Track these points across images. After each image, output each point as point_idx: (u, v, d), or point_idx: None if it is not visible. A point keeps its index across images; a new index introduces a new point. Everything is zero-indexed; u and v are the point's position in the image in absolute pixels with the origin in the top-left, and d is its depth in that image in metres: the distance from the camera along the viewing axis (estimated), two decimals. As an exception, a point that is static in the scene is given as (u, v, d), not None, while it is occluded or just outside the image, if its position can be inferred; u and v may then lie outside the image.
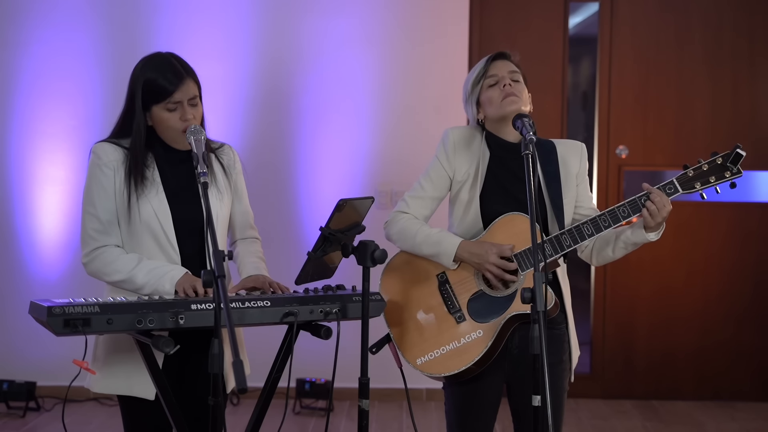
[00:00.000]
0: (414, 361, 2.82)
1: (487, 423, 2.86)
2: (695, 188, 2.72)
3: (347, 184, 5.36)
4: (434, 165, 2.91)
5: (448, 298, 2.82)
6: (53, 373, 5.19)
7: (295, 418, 5.05)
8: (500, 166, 2.85)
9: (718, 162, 2.71)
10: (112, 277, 2.68)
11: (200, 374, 2.71)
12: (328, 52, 5.37)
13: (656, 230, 2.72)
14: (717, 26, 5.49)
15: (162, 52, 2.76)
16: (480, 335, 2.76)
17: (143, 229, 2.70)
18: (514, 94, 2.79)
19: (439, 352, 2.80)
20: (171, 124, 2.69)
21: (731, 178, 2.72)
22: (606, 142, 5.51)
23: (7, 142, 5.35)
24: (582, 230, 2.73)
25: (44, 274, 5.34)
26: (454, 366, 2.77)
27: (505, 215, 2.79)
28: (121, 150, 2.72)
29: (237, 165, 2.90)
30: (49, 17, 5.31)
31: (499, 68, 2.84)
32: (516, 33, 5.48)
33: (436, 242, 2.80)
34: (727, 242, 5.53)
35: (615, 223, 2.72)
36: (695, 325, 5.53)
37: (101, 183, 2.70)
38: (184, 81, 2.69)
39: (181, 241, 2.72)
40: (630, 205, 2.71)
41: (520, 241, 2.75)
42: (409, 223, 2.87)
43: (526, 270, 2.74)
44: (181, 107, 2.68)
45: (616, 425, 5.06)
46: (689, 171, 2.72)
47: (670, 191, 2.71)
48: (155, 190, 2.71)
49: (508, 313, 2.74)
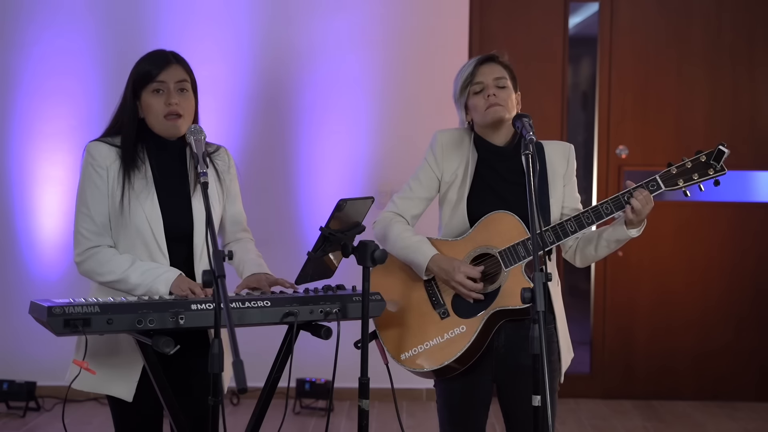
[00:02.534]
0: (398, 356, 2.85)
1: (477, 421, 2.87)
2: (678, 185, 2.74)
3: (347, 185, 5.36)
4: (423, 167, 2.95)
5: (433, 294, 2.85)
6: (53, 373, 5.17)
7: (295, 418, 5.05)
8: (488, 167, 2.87)
9: (702, 160, 2.74)
10: (105, 278, 2.66)
11: (197, 374, 2.71)
12: (328, 52, 5.37)
13: (638, 227, 2.75)
14: (717, 26, 5.49)
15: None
16: (463, 330, 2.78)
17: (134, 233, 2.69)
18: (497, 104, 2.80)
19: (423, 347, 2.83)
20: (156, 109, 2.67)
21: (715, 176, 2.74)
22: (606, 142, 5.52)
23: (7, 142, 5.35)
24: (565, 227, 2.75)
25: (44, 274, 5.34)
26: (436, 361, 2.79)
27: (490, 213, 2.81)
28: (115, 149, 2.71)
29: (232, 169, 2.89)
30: (49, 18, 5.31)
31: (485, 74, 2.84)
32: (516, 33, 5.48)
33: (412, 252, 2.84)
34: (728, 242, 5.53)
35: (598, 219, 2.74)
36: (695, 325, 5.53)
37: (95, 183, 2.68)
38: (171, 64, 2.69)
39: (171, 247, 2.71)
40: (613, 202, 2.74)
41: (505, 238, 2.78)
42: (392, 228, 2.90)
43: (510, 267, 2.75)
44: (167, 90, 2.67)
45: (616, 425, 5.06)
46: (672, 168, 2.75)
47: (653, 188, 2.73)
48: (149, 193, 2.69)
49: (492, 309, 2.76)
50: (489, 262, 2.81)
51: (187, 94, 2.71)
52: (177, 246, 2.72)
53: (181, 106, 2.68)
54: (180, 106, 2.68)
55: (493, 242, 2.80)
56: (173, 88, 2.68)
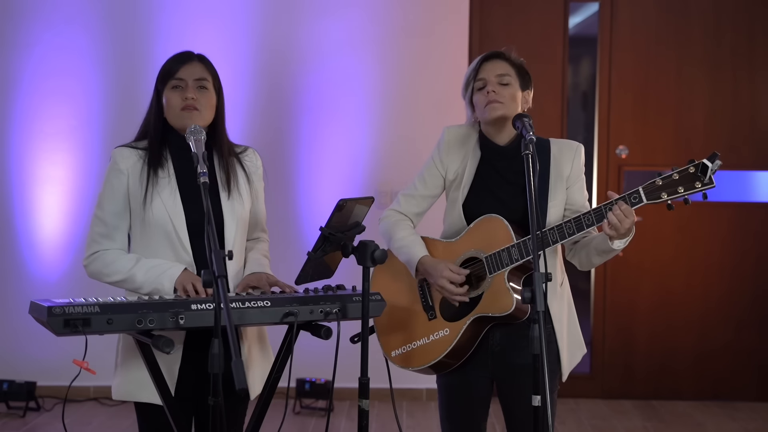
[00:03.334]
0: (389, 352, 2.90)
1: (475, 418, 2.87)
2: (661, 198, 2.60)
3: (347, 184, 5.36)
4: (428, 164, 2.93)
5: (425, 295, 2.87)
6: (53, 373, 5.19)
7: (295, 418, 5.05)
8: (489, 167, 2.85)
9: (690, 171, 2.57)
10: (111, 278, 2.69)
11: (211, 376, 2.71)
12: (328, 52, 5.37)
13: (621, 239, 2.64)
14: (717, 26, 5.49)
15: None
16: (446, 333, 2.80)
17: (156, 229, 2.69)
18: (496, 100, 2.76)
19: (410, 346, 2.86)
20: (173, 102, 2.69)
21: (701, 189, 2.57)
22: (606, 142, 5.52)
23: (7, 142, 5.35)
24: (547, 237, 2.69)
25: (44, 274, 5.34)
26: (419, 362, 2.83)
27: (483, 217, 2.79)
28: (137, 151, 2.73)
29: (259, 170, 2.90)
30: (49, 18, 5.31)
31: (487, 71, 2.80)
32: (516, 33, 5.48)
33: (405, 252, 2.86)
34: (728, 242, 5.53)
35: (579, 231, 2.65)
36: (695, 325, 5.53)
37: (112, 185, 2.71)
38: (191, 61, 2.72)
39: (194, 241, 2.71)
40: (595, 214, 2.64)
41: (492, 243, 2.75)
42: (393, 225, 2.92)
43: (493, 273, 2.73)
44: (185, 86, 2.69)
45: (616, 425, 5.06)
46: (657, 180, 2.60)
47: (635, 201, 2.61)
48: (170, 188, 2.71)
49: (473, 315, 2.75)
50: (478, 265, 2.80)
51: (207, 92, 2.72)
52: (200, 240, 2.70)
53: (198, 101, 2.69)
54: (197, 101, 2.69)
55: (482, 246, 2.78)
56: (192, 84, 2.69)
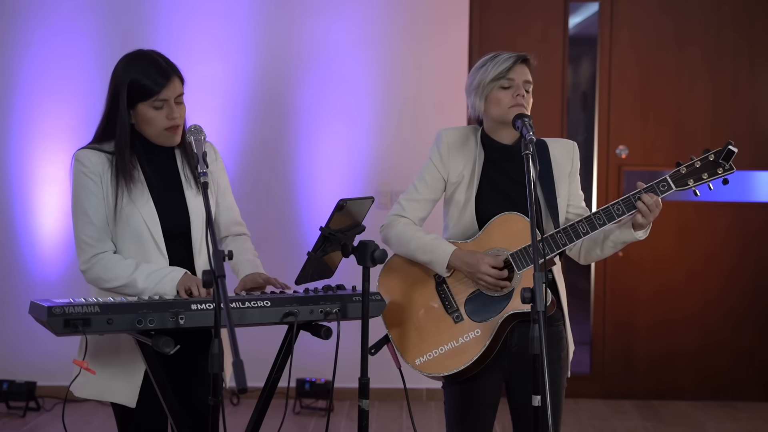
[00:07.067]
0: (413, 361, 2.83)
1: (486, 422, 2.87)
2: (688, 185, 2.73)
3: (347, 185, 5.36)
4: (428, 167, 2.92)
5: (446, 298, 2.84)
6: (53, 373, 5.19)
7: (295, 418, 5.05)
8: (495, 167, 2.86)
9: (710, 159, 2.73)
10: (111, 284, 2.66)
11: (198, 374, 2.71)
12: (328, 52, 5.37)
13: (644, 228, 2.74)
14: (717, 26, 5.49)
15: (144, 50, 2.75)
16: (478, 334, 2.77)
17: (131, 236, 2.69)
18: (522, 105, 2.80)
19: (437, 351, 2.81)
20: (158, 123, 2.68)
21: (723, 175, 2.74)
22: (606, 142, 5.52)
23: (7, 142, 5.35)
24: (577, 228, 2.74)
25: (44, 274, 5.34)
26: (452, 365, 2.78)
27: (500, 215, 2.80)
28: (104, 155, 2.71)
29: (218, 162, 2.89)
30: (49, 18, 5.31)
31: (518, 74, 2.83)
32: (516, 33, 5.48)
33: (429, 250, 2.81)
34: (728, 242, 5.53)
35: (610, 221, 2.74)
36: (695, 325, 5.53)
37: (90, 189, 2.68)
38: (171, 79, 2.69)
39: (169, 245, 2.72)
40: (624, 203, 2.73)
41: (516, 240, 2.76)
42: (404, 229, 2.88)
43: (523, 269, 2.75)
44: (167, 105, 2.68)
45: (616, 425, 5.06)
46: (682, 168, 2.74)
47: (663, 189, 2.73)
48: (143, 195, 2.70)
49: (506, 312, 2.75)
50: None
51: (182, 105, 2.74)
52: (175, 244, 2.72)
53: (181, 118, 2.71)
54: (180, 117, 2.71)
55: (503, 244, 2.79)
56: (173, 101, 2.69)
